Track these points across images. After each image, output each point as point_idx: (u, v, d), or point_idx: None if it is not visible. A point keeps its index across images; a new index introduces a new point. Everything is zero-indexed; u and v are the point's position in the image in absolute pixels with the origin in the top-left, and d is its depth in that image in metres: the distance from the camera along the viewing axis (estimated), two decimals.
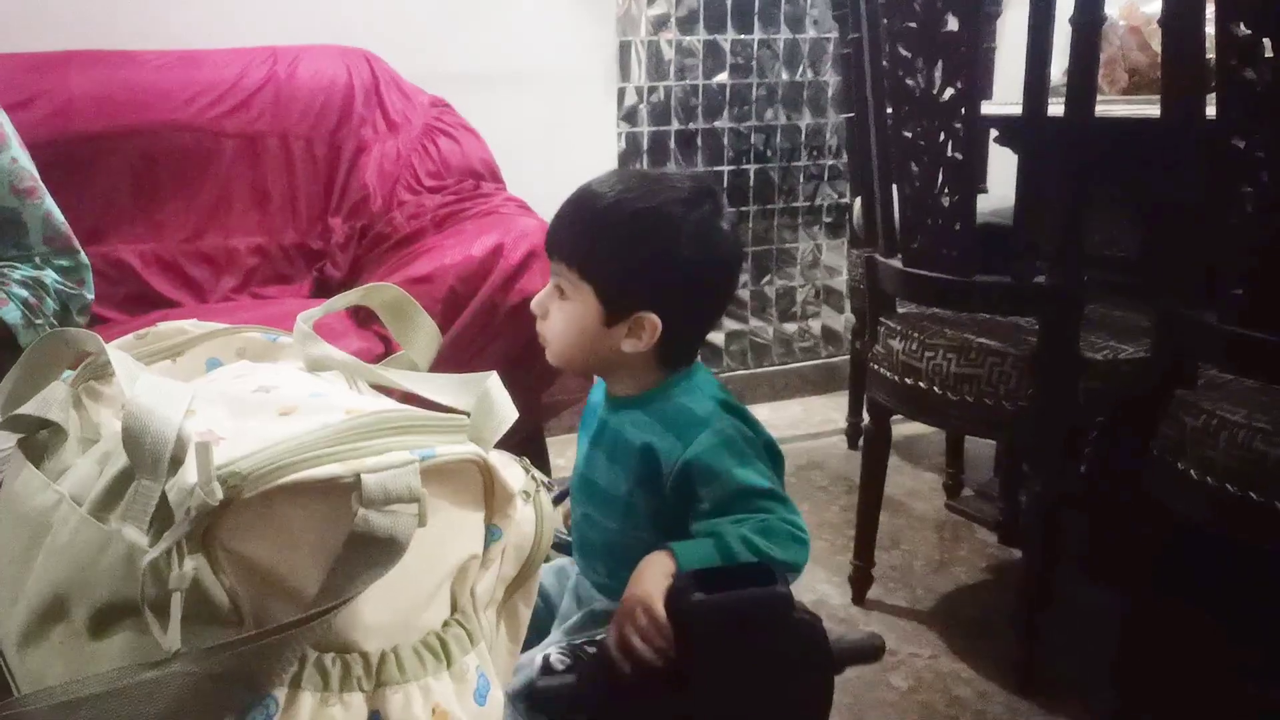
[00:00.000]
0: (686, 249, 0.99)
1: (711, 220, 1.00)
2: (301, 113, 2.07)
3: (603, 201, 1.00)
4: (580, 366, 1.07)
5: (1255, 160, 1.14)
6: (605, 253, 1.00)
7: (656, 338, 1.00)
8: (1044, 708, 1.51)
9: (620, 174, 1.06)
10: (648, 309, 0.99)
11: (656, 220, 0.99)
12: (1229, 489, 1.19)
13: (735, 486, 0.97)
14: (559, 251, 1.03)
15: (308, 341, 0.94)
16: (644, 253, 0.99)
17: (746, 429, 1.00)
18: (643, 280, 0.99)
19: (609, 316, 1.00)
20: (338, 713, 0.70)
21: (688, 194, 1.00)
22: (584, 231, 1.01)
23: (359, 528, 0.69)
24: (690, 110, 2.61)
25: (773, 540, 0.94)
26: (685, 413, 1.01)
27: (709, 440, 0.98)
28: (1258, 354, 1.18)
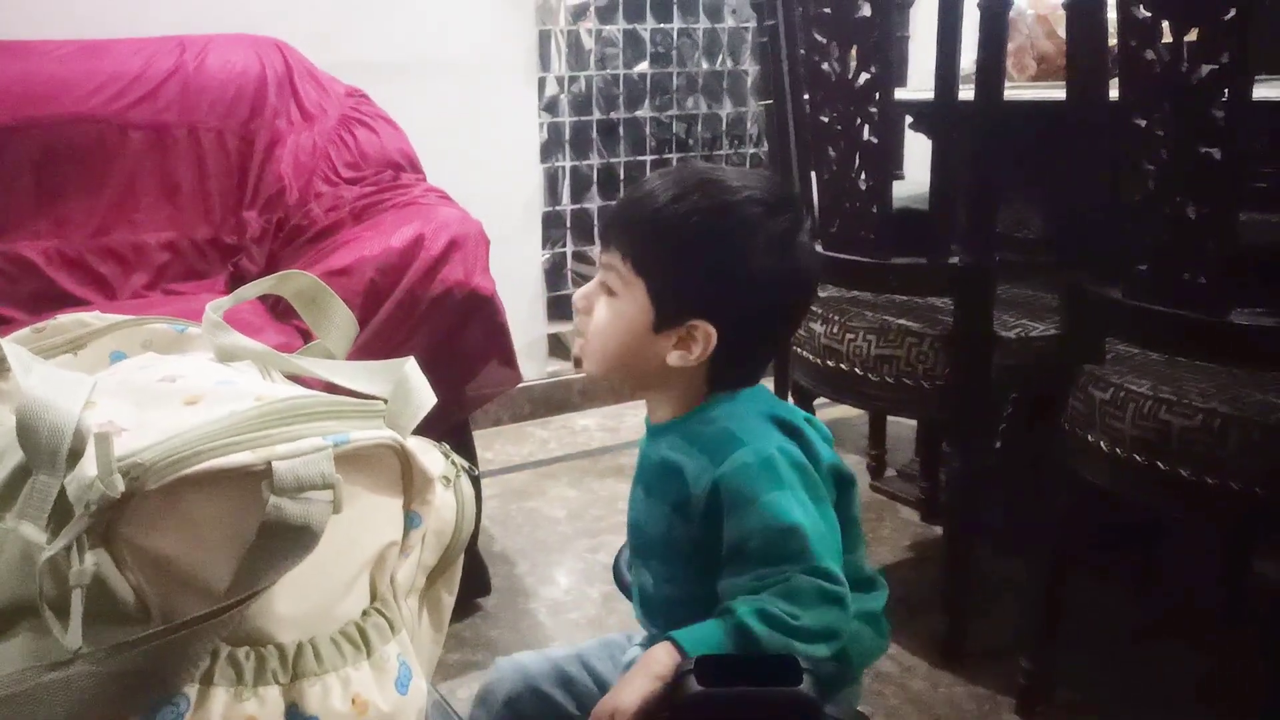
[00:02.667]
0: (759, 258, 0.88)
1: (791, 232, 0.90)
2: (211, 104, 2.01)
3: (671, 193, 0.89)
4: (619, 374, 0.94)
5: (1156, 138, 1.17)
6: (667, 247, 0.88)
7: (708, 353, 0.88)
8: (965, 678, 1.54)
9: (692, 168, 0.94)
10: (704, 318, 0.88)
11: (731, 221, 0.88)
12: (1136, 459, 1.23)
13: (760, 518, 0.82)
14: (614, 240, 0.91)
15: (217, 331, 0.92)
16: (711, 254, 0.88)
17: (799, 454, 0.86)
18: (705, 284, 0.88)
19: (659, 320, 0.89)
20: (252, 707, 0.69)
21: (768, 199, 0.89)
22: (646, 222, 0.90)
23: (271, 516, 0.68)
24: (612, 100, 2.61)
25: (799, 604, 0.79)
26: (723, 433, 0.88)
27: (744, 458, 0.85)
28: (1162, 327, 1.21)
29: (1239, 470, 1.15)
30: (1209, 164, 1.13)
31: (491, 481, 2.28)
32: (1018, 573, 1.59)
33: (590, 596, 1.82)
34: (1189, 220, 1.16)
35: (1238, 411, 1.16)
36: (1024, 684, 1.45)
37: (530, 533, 2.06)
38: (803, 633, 0.78)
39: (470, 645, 1.67)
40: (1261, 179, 1.47)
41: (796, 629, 0.78)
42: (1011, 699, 1.47)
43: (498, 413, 2.58)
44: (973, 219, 1.47)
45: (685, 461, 0.88)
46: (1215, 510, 1.19)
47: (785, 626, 0.78)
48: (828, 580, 0.81)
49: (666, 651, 0.79)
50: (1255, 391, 1.20)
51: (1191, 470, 1.18)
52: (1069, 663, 1.50)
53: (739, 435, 0.86)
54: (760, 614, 0.78)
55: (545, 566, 1.93)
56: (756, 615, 0.78)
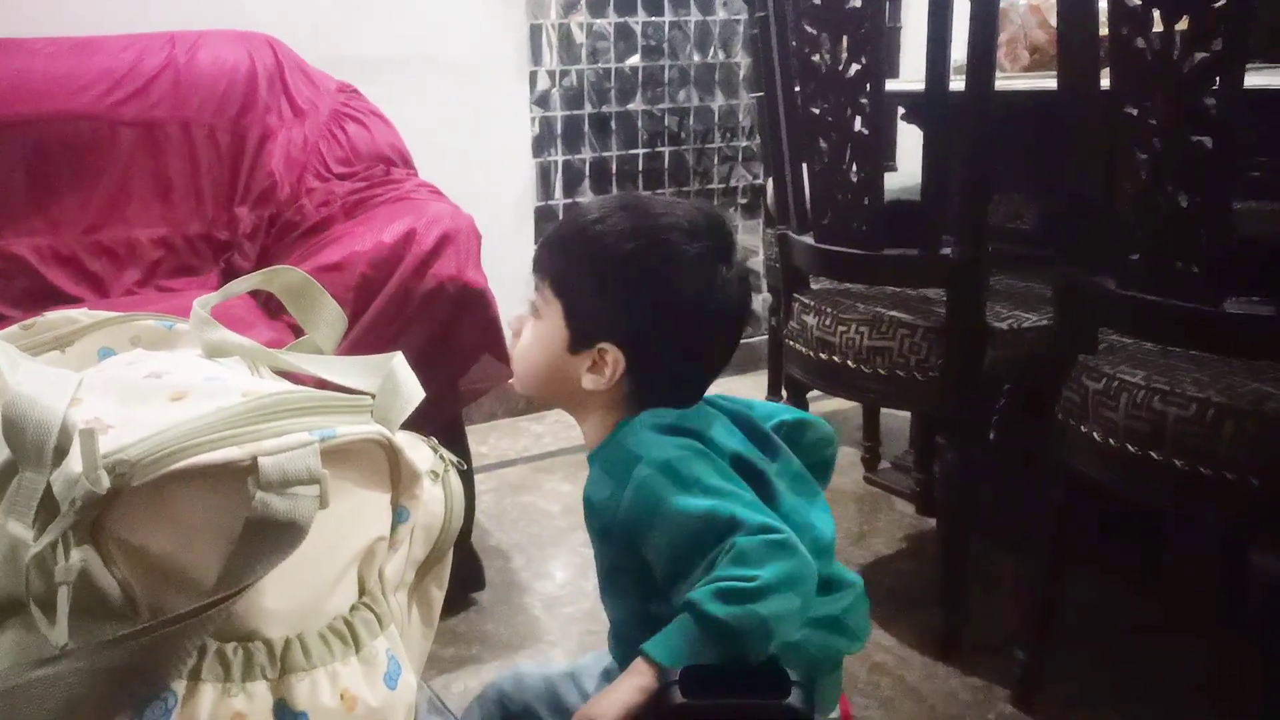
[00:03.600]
0: (672, 286, 0.88)
1: (708, 259, 0.89)
2: (203, 99, 2.01)
3: (588, 217, 0.91)
4: (543, 395, 0.95)
5: (1148, 127, 1.17)
6: (579, 269, 0.90)
7: (617, 376, 0.89)
8: (960, 671, 1.54)
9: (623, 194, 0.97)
10: (612, 341, 0.88)
11: (645, 244, 0.88)
12: (1130, 449, 1.22)
13: (678, 521, 0.80)
14: (538, 265, 0.94)
15: (205, 327, 0.92)
16: (620, 276, 0.88)
17: (693, 443, 0.85)
18: (614, 308, 0.89)
19: (573, 341, 0.90)
20: (240, 703, 0.69)
21: (690, 226, 0.89)
22: (562, 246, 0.93)
23: (257, 512, 0.67)
24: (603, 93, 2.60)
25: (750, 564, 0.75)
26: (624, 453, 0.86)
27: (643, 473, 0.83)
28: (1155, 317, 1.21)
29: (1234, 461, 1.15)
30: (1201, 153, 1.13)
31: (486, 476, 2.28)
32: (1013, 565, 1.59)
33: (585, 591, 1.82)
34: (1182, 210, 1.15)
35: (1232, 401, 1.16)
36: (1019, 676, 1.45)
37: (525, 527, 2.06)
38: (764, 591, 0.74)
39: (465, 640, 1.67)
40: (1257, 169, 1.47)
41: (756, 590, 0.74)
42: (1007, 691, 1.47)
43: (492, 407, 2.58)
44: (965, 210, 1.46)
45: (598, 492, 0.87)
46: (1210, 502, 1.19)
47: (744, 593, 0.74)
48: (768, 532, 0.77)
49: (646, 663, 0.76)
50: (1249, 381, 1.19)
51: (1186, 461, 1.18)
52: (1064, 656, 1.50)
53: (634, 450, 0.85)
54: (716, 594, 0.74)
55: (540, 561, 1.93)
56: (713, 597, 0.74)
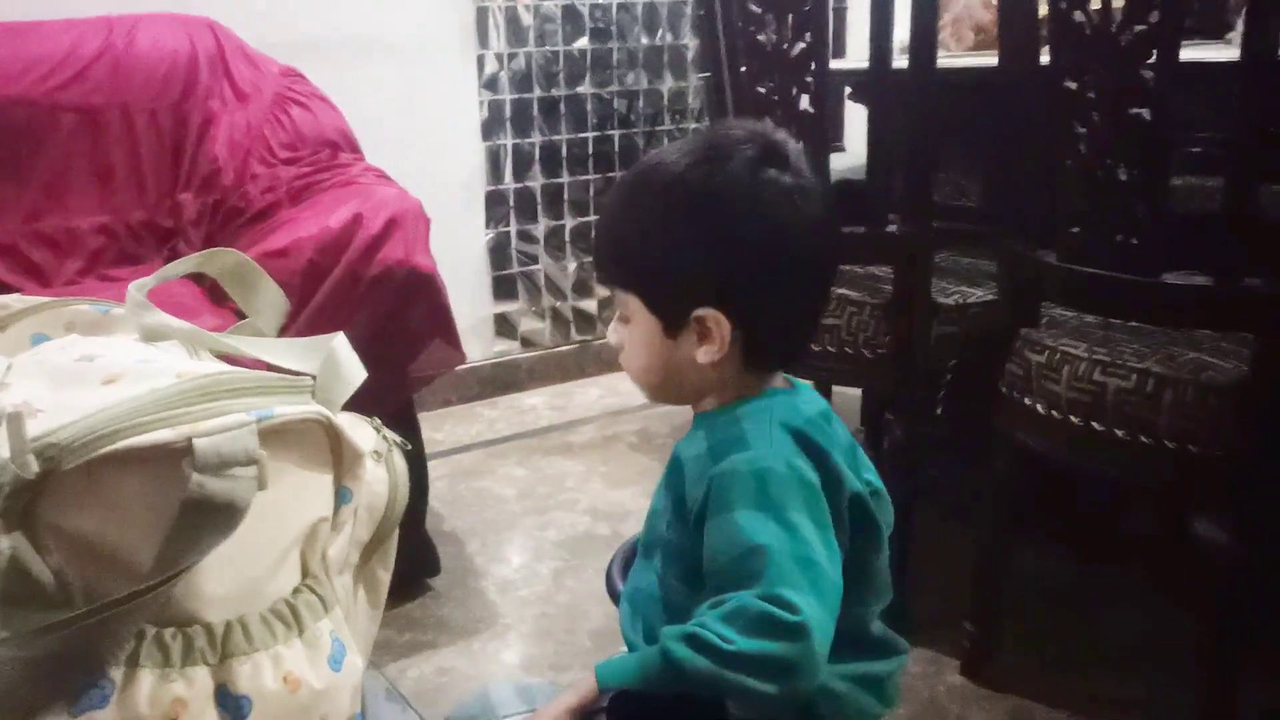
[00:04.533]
0: (725, 219, 0.79)
1: (754, 175, 0.80)
2: (143, 84, 1.97)
3: (618, 197, 0.84)
4: (672, 394, 0.88)
5: (1087, 101, 1.18)
6: (636, 253, 0.83)
7: (728, 339, 0.80)
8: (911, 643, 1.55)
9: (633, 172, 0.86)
10: (706, 305, 0.80)
11: (678, 194, 0.80)
12: (1073, 420, 1.24)
13: (728, 532, 0.74)
14: (600, 269, 0.89)
15: (141, 311, 0.90)
16: (669, 238, 0.81)
17: (809, 472, 0.76)
18: (683, 271, 0.80)
19: (667, 325, 0.82)
20: (180, 688, 0.68)
21: (710, 152, 0.81)
22: (609, 237, 0.86)
23: (193, 494, 0.66)
24: (552, 76, 2.59)
25: (736, 628, 0.69)
26: (735, 432, 0.80)
27: (739, 464, 0.76)
28: (1096, 289, 1.23)
29: (1173, 429, 1.17)
30: (1139, 125, 1.14)
31: (440, 462, 2.26)
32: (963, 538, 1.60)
33: (540, 574, 1.82)
34: (1120, 182, 1.17)
35: (1171, 371, 1.18)
36: (968, 647, 1.47)
37: (479, 512, 2.05)
38: (735, 660, 0.68)
39: (420, 625, 1.66)
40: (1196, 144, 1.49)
41: (727, 655, 0.69)
42: (956, 662, 1.49)
43: (446, 393, 2.56)
44: (909, 188, 1.47)
45: (691, 457, 0.81)
46: (1151, 470, 1.21)
47: (715, 652, 0.69)
48: (781, 607, 0.69)
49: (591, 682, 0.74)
50: (1188, 350, 1.22)
51: (1127, 430, 1.20)
52: (1011, 626, 1.52)
53: (747, 438, 0.78)
54: (690, 639, 0.70)
55: (495, 545, 1.93)
56: (686, 640, 0.70)
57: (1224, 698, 1.22)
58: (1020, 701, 1.43)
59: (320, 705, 0.75)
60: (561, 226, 2.68)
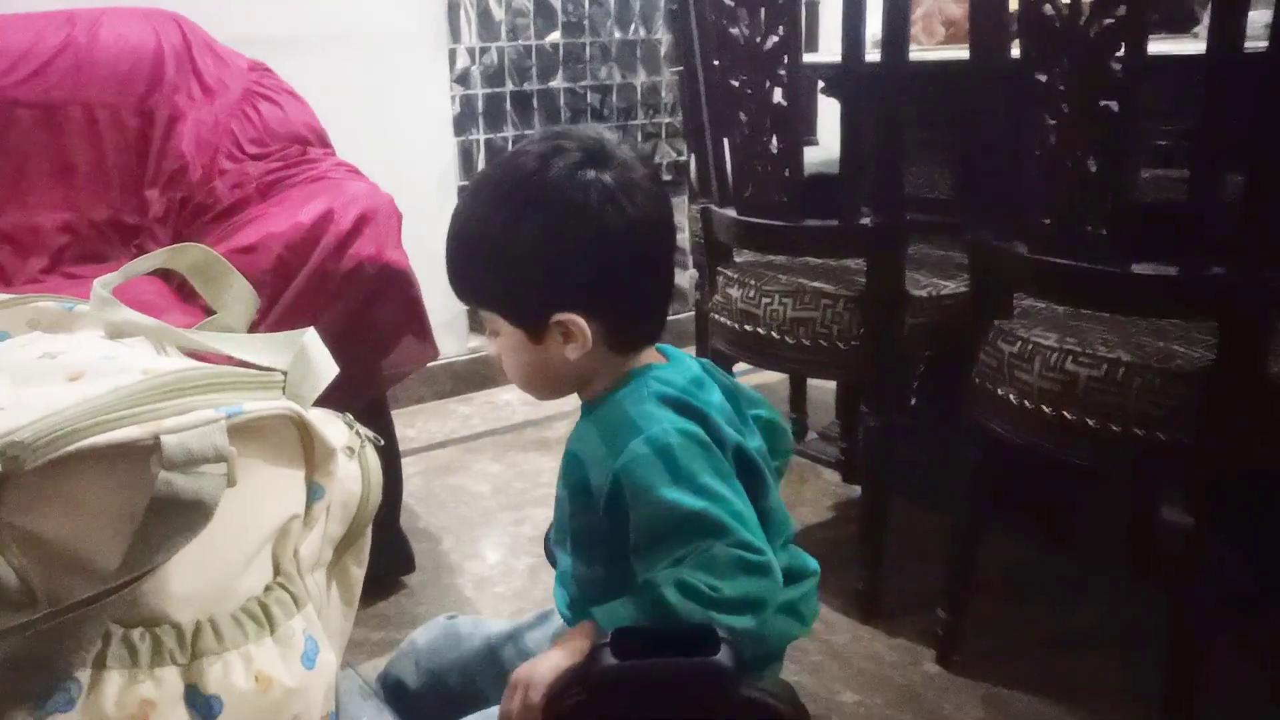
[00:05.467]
0: (552, 225, 0.83)
1: (573, 179, 0.84)
2: (106, 80, 1.94)
3: (453, 230, 0.89)
4: (557, 391, 0.93)
5: (1056, 93, 1.19)
6: (482, 273, 0.88)
7: (589, 337, 0.86)
8: (885, 631, 1.57)
9: (467, 189, 0.91)
10: (560, 310, 0.85)
11: (502, 213, 0.85)
12: (1044, 410, 1.25)
13: (663, 511, 0.79)
14: (459, 295, 0.92)
15: (106, 307, 0.89)
16: (508, 256, 0.85)
17: (696, 430, 0.83)
18: (526, 284, 0.86)
19: (530, 333, 0.87)
20: (148, 690, 0.67)
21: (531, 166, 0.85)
22: (458, 262, 0.90)
23: (161, 492, 0.65)
24: (524, 71, 2.58)
25: (717, 575, 0.76)
26: (621, 419, 0.84)
27: (639, 449, 0.81)
28: (1066, 280, 1.24)
29: (1141, 416, 1.18)
30: (1108, 117, 1.15)
31: (415, 459, 2.25)
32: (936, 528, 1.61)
33: (516, 569, 1.81)
34: (1090, 173, 1.17)
35: (1139, 359, 1.19)
36: (941, 635, 1.48)
37: (454, 509, 2.04)
38: (722, 604, 0.76)
39: (395, 623, 1.65)
40: (1163, 136, 1.50)
41: (715, 600, 0.75)
42: (930, 650, 1.50)
43: (419, 390, 2.55)
44: (881, 180, 1.48)
45: (586, 452, 0.86)
46: (1120, 457, 1.22)
47: (703, 598, 0.75)
48: (748, 550, 0.78)
49: (585, 629, 0.78)
50: (1156, 340, 1.23)
51: (1097, 419, 1.21)
52: (985, 613, 1.54)
53: (635, 421, 0.83)
54: (678, 585, 0.76)
55: (470, 541, 1.92)
56: (675, 586, 0.76)
57: (1191, 679, 1.23)
58: (994, 687, 1.44)
59: (293, 704, 0.74)
60: None
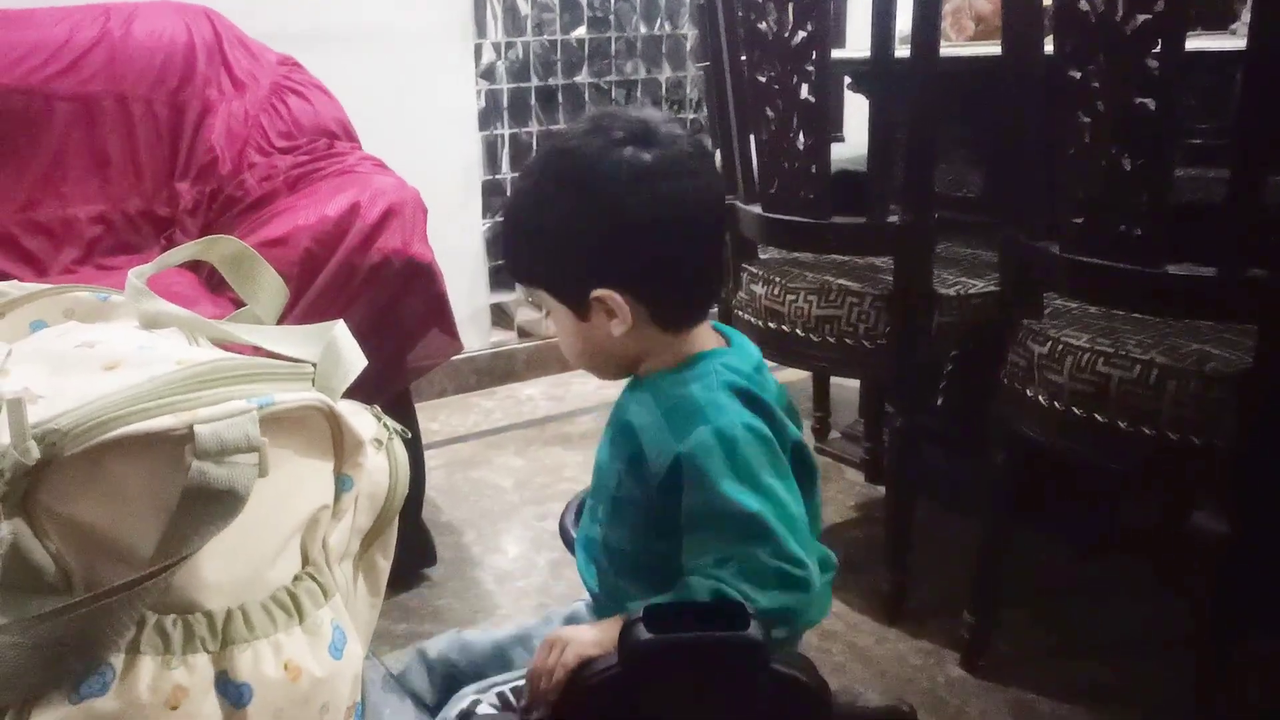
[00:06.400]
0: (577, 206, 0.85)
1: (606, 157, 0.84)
2: (140, 73, 1.96)
3: (509, 200, 0.91)
4: (612, 369, 0.94)
5: (1091, 90, 1.17)
6: (526, 251, 0.91)
7: (630, 315, 0.86)
8: (910, 634, 1.56)
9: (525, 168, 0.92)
10: (599, 286, 0.86)
11: (539, 190, 0.87)
12: (1075, 412, 1.24)
13: (718, 505, 0.80)
14: (510, 273, 0.97)
15: (141, 298, 0.89)
16: (545, 233, 0.87)
17: (763, 427, 0.84)
18: (566, 259, 0.87)
19: (578, 311, 0.89)
20: (180, 675, 0.67)
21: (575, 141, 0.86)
22: (506, 238, 0.93)
23: (194, 481, 0.66)
24: (549, 66, 2.58)
25: (757, 586, 0.78)
26: (687, 400, 0.85)
27: (706, 437, 0.82)
28: (1098, 280, 1.22)
29: (1176, 420, 1.16)
30: (1143, 115, 1.14)
31: (437, 452, 2.26)
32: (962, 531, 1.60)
33: (537, 564, 1.82)
34: (1124, 172, 1.16)
35: (1174, 362, 1.17)
36: (967, 639, 1.47)
37: (476, 502, 2.05)
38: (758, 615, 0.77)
39: (417, 616, 1.66)
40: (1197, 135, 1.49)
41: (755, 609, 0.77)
42: (955, 653, 1.49)
43: (442, 383, 2.56)
44: (910, 177, 1.47)
45: (647, 427, 0.86)
46: (1153, 461, 1.21)
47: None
48: (792, 564, 0.79)
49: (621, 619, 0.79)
50: (1191, 342, 1.21)
51: (1129, 421, 1.20)
52: (1011, 617, 1.52)
53: (704, 407, 0.83)
54: (715, 593, 0.78)
55: (492, 536, 1.92)
56: (712, 595, 0.78)
57: (1221, 689, 1.22)
58: (1020, 693, 1.43)
59: (321, 693, 0.74)
60: None
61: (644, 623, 0.75)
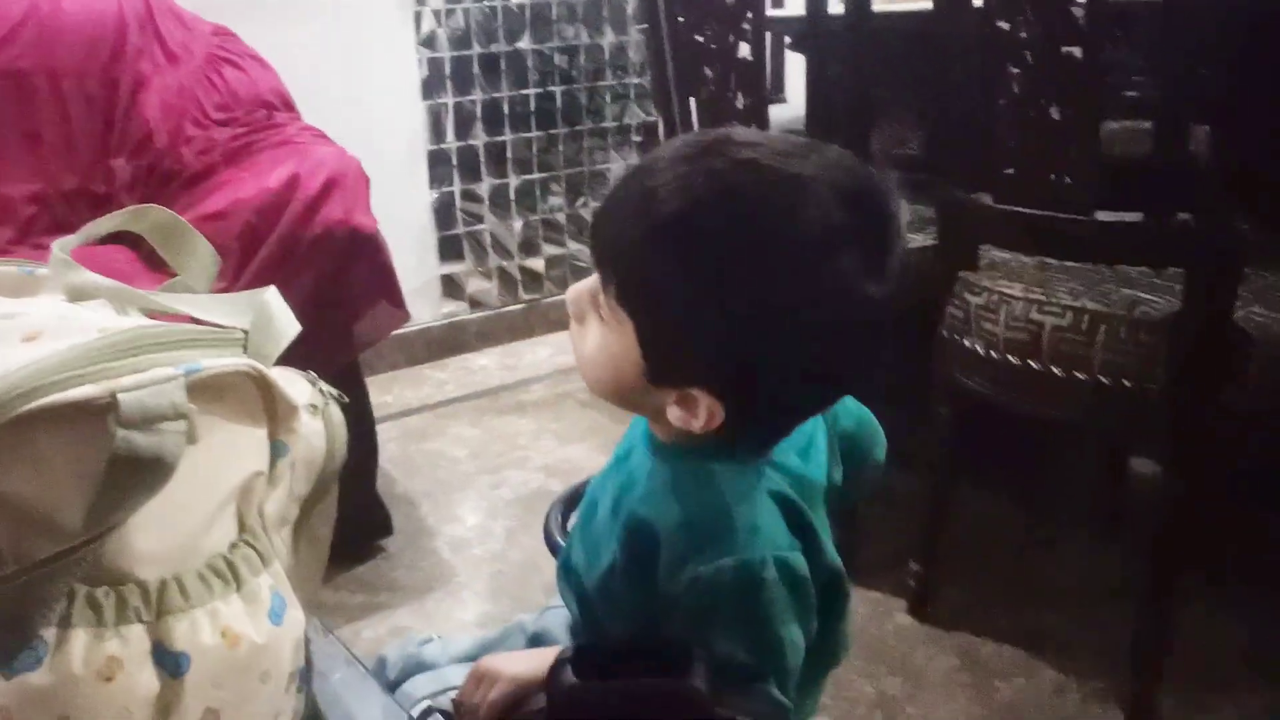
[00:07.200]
0: (793, 313, 0.64)
1: (853, 273, 0.64)
2: (69, 48, 1.92)
3: (671, 202, 0.64)
4: (619, 403, 0.75)
5: (1019, 41, 1.19)
6: (656, 283, 0.66)
7: (714, 425, 0.68)
8: (860, 585, 1.58)
9: (718, 153, 0.65)
10: (706, 386, 0.67)
11: (753, 258, 0.64)
12: (1011, 360, 1.26)
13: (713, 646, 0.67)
14: (598, 255, 0.71)
15: (66, 270, 0.88)
16: (716, 303, 0.65)
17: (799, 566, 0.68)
18: (706, 343, 0.66)
19: (653, 374, 0.69)
20: (114, 647, 0.67)
21: (821, 228, 0.63)
22: (630, 240, 0.67)
23: (120, 450, 0.65)
24: (491, 32, 2.55)
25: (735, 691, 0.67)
26: (717, 516, 0.69)
27: (726, 575, 0.66)
28: (1030, 229, 1.24)
29: (1108, 365, 1.19)
30: (1071, 65, 1.15)
31: (390, 425, 2.25)
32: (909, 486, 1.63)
33: (494, 532, 1.82)
34: (1053, 121, 1.18)
35: (1105, 307, 1.20)
36: (914, 587, 1.49)
37: (431, 473, 2.05)
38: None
39: (372, 587, 1.66)
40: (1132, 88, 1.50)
41: None
42: (903, 602, 1.52)
43: (394, 356, 2.55)
44: (848, 135, 1.47)
45: (666, 534, 0.70)
46: (1086, 407, 1.24)
47: None
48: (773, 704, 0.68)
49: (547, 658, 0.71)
50: (1122, 288, 1.24)
51: (1063, 368, 1.22)
52: (955, 566, 1.56)
53: (735, 529, 0.68)
54: None
55: (447, 505, 1.92)
56: None
57: (1159, 630, 1.25)
58: (965, 638, 1.46)
59: (262, 660, 0.74)
60: (506, 185, 2.66)
61: (572, 664, 0.66)
